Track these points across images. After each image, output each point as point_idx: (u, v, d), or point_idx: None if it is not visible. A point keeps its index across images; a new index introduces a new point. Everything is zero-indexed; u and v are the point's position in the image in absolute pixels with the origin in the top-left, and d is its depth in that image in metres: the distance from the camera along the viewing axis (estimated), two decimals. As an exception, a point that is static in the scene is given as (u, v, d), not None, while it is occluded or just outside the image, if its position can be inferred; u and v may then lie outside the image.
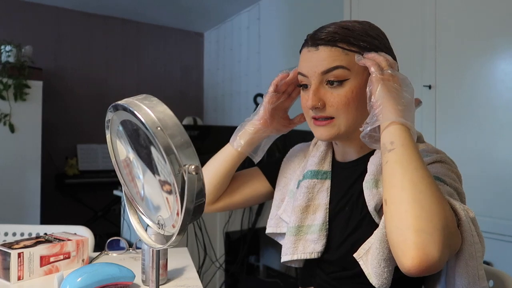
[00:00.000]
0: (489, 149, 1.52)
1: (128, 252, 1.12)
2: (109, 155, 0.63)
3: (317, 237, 0.80)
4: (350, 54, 0.73)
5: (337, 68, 0.73)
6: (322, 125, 0.77)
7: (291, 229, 0.83)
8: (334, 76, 0.74)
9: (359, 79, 0.74)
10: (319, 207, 0.83)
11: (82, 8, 3.78)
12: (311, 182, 0.85)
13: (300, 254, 0.82)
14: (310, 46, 0.77)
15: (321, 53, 0.75)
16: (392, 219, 0.57)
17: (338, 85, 0.74)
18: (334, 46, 0.74)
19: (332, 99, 0.75)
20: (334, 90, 0.75)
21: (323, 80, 0.75)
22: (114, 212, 3.50)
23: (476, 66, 1.58)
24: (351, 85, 0.74)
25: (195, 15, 3.96)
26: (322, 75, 0.75)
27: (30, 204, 2.90)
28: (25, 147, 2.87)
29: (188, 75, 4.43)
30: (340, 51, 0.74)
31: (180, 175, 0.49)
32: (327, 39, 0.74)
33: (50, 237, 0.98)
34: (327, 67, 0.74)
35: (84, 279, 0.77)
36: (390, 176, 0.60)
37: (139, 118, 0.50)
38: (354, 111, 0.75)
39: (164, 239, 0.77)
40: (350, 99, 0.74)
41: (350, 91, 0.74)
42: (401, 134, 0.62)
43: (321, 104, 0.75)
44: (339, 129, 0.76)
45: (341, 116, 0.75)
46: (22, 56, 2.86)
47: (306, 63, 0.77)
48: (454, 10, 1.66)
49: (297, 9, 3.11)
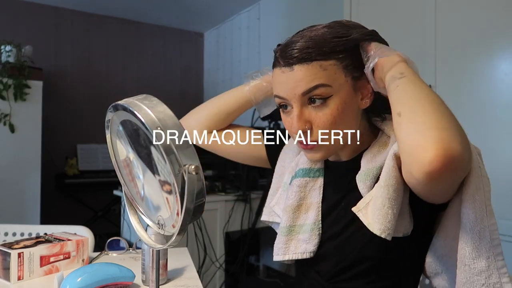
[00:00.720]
0: (489, 149, 1.52)
1: (128, 252, 1.12)
2: (109, 155, 0.63)
3: (309, 237, 0.79)
4: (328, 68, 0.69)
5: (318, 87, 0.69)
6: (310, 148, 0.73)
7: (282, 229, 0.82)
8: (316, 95, 0.69)
9: (342, 94, 0.70)
10: (311, 206, 0.82)
11: (82, 8, 3.78)
12: (302, 180, 0.83)
13: (292, 255, 0.80)
14: (283, 66, 0.71)
15: (297, 73, 0.69)
16: (410, 124, 0.57)
17: (322, 104, 0.70)
18: (309, 63, 0.68)
19: (318, 120, 0.70)
20: (318, 110, 0.70)
21: (305, 101, 0.71)
22: (114, 212, 3.50)
23: (476, 66, 1.58)
24: (336, 101, 0.70)
25: (195, 15, 3.96)
26: (302, 96, 0.70)
27: (30, 204, 2.90)
28: (25, 147, 2.87)
29: (188, 75, 4.43)
30: (317, 67, 0.68)
31: (180, 175, 0.49)
32: (300, 56, 0.69)
33: (50, 237, 0.98)
34: (306, 87, 0.69)
35: (84, 279, 0.77)
36: (403, 92, 0.62)
37: (139, 118, 0.50)
38: (342, 127, 0.72)
39: (164, 239, 0.77)
40: (337, 117, 0.70)
41: (335, 108, 0.70)
42: (407, 67, 0.65)
43: (308, 127, 0.71)
44: (328, 149, 0.74)
45: (329, 137, 0.72)
46: (22, 56, 2.86)
47: (282, 86, 0.72)
48: (454, 10, 1.66)
49: (297, 9, 3.11)
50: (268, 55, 3.43)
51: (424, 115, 0.57)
